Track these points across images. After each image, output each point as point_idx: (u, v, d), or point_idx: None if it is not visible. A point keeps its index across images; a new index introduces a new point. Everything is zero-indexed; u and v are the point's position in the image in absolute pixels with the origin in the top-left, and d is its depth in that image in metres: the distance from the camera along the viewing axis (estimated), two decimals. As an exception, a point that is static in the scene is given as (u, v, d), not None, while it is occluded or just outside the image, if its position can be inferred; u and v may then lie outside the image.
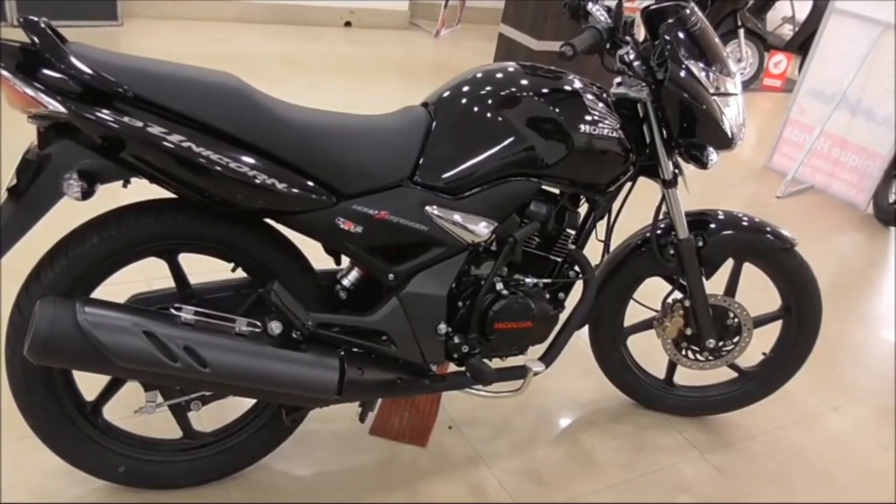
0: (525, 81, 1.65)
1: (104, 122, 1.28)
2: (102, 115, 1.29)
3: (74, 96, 1.28)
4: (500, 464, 1.97)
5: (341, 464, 1.89)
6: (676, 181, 1.87)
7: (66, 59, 1.27)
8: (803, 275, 2.02)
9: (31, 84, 1.26)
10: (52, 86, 1.27)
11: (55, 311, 1.31)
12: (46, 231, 1.48)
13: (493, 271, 1.70)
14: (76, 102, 1.28)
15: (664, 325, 2.07)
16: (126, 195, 1.48)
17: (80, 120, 1.28)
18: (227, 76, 1.44)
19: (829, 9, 4.15)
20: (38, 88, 1.26)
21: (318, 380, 1.51)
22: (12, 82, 1.26)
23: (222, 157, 1.38)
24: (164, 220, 1.47)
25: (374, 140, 1.56)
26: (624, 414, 2.24)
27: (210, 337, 1.43)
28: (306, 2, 5.98)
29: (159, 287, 1.59)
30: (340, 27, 6.23)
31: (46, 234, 1.48)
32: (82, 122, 1.28)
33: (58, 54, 1.27)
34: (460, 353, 1.76)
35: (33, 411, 1.51)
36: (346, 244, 1.57)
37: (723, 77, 1.75)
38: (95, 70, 1.28)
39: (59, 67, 1.27)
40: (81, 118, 1.27)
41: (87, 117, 1.28)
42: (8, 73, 1.26)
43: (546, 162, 1.65)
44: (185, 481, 1.69)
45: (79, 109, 1.27)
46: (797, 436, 2.26)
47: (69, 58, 1.28)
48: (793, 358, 2.13)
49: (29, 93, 1.26)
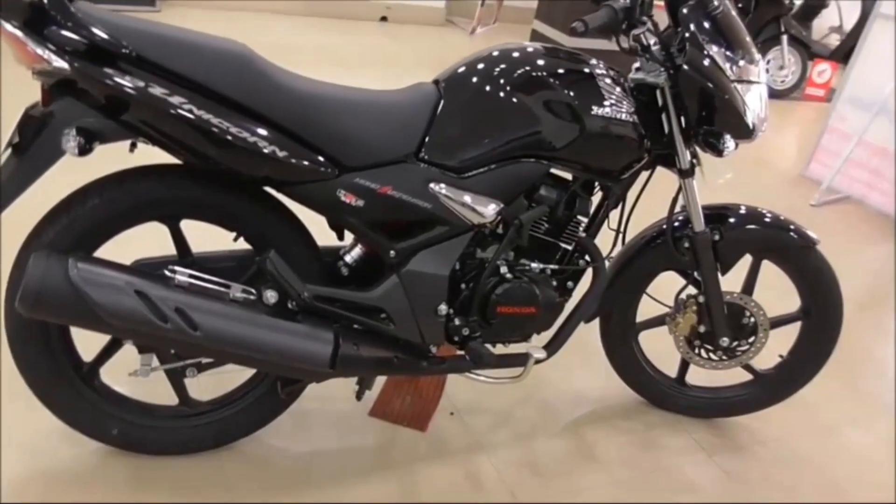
0: (539, 61, 1.62)
1: (105, 80, 1.29)
2: (104, 73, 1.29)
3: (78, 54, 1.29)
4: (499, 453, 1.94)
5: (338, 443, 1.87)
6: (693, 171, 1.81)
7: (72, 17, 1.28)
8: (824, 276, 1.95)
9: (37, 40, 1.27)
10: (57, 43, 1.28)
11: (48, 265, 1.31)
12: (57, 191, 1.49)
13: (498, 254, 1.67)
14: (79, 60, 1.28)
15: (677, 322, 2.01)
16: (133, 160, 1.48)
17: (82, 77, 1.28)
18: (234, 43, 1.43)
19: (873, 13, 4.02)
20: (43, 45, 1.27)
21: (310, 351, 1.49)
22: (19, 38, 1.27)
23: (223, 121, 1.37)
24: (166, 184, 1.48)
25: (380, 114, 1.54)
26: (632, 411, 2.19)
27: (202, 301, 1.42)
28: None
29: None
30: (376, 21, 6.25)
31: (57, 193, 1.49)
32: (84, 78, 1.29)
33: (64, 12, 1.28)
34: (461, 336, 1.73)
35: (30, 368, 1.52)
36: (347, 218, 1.55)
37: (745, 64, 1.69)
38: (100, 29, 1.29)
39: (65, 25, 1.28)
40: (83, 75, 1.28)
41: (88, 74, 1.28)
42: (14, 29, 1.27)
43: (555, 144, 1.61)
44: (178, 448, 1.69)
45: (81, 66, 1.28)
46: (811, 446, 2.18)
47: (75, 16, 1.29)
48: (810, 362, 2.06)
49: (34, 49, 1.27)
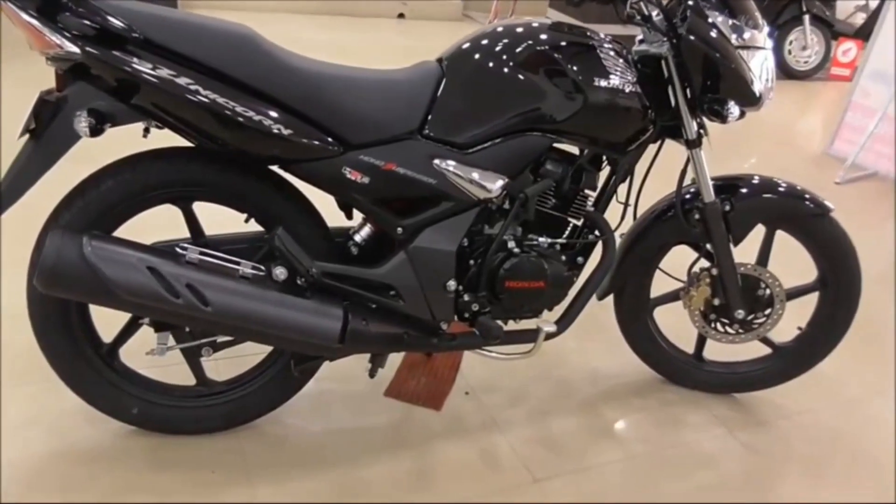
0: (541, 35, 1.63)
1: (112, 62, 1.33)
2: (113, 57, 1.33)
3: (89, 39, 1.33)
4: (514, 431, 1.94)
5: (353, 422, 1.89)
6: (701, 141, 1.80)
7: (83, 3, 1.33)
8: (840, 244, 1.92)
9: (52, 27, 1.32)
10: (69, 28, 1.32)
11: (63, 243, 1.36)
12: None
13: (504, 228, 1.68)
14: (90, 44, 1.32)
15: (691, 296, 2.00)
16: (146, 145, 1.52)
17: (90, 59, 1.32)
18: (239, 25, 1.46)
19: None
20: (58, 31, 1.32)
21: (319, 326, 1.51)
22: (35, 27, 1.31)
23: (229, 100, 1.40)
24: (177, 167, 1.51)
25: (383, 91, 1.56)
26: (649, 389, 2.18)
27: (213, 277, 1.45)
28: (361, -7, 6.08)
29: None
30: (394, 19, 6.29)
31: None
32: (92, 61, 1.33)
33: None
34: (471, 312, 1.74)
35: (51, 348, 1.57)
36: (353, 195, 1.57)
37: (749, 30, 1.68)
38: (110, 14, 1.33)
39: (76, 11, 1.32)
40: (91, 57, 1.32)
41: (96, 56, 1.32)
42: (30, 18, 1.31)
43: (558, 116, 1.62)
44: (195, 427, 1.73)
45: (91, 50, 1.32)
46: (837, 418, 2.15)
47: (87, 2, 1.33)
48: (829, 333, 2.03)
49: (50, 36, 1.31)
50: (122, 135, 1.59)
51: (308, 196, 1.63)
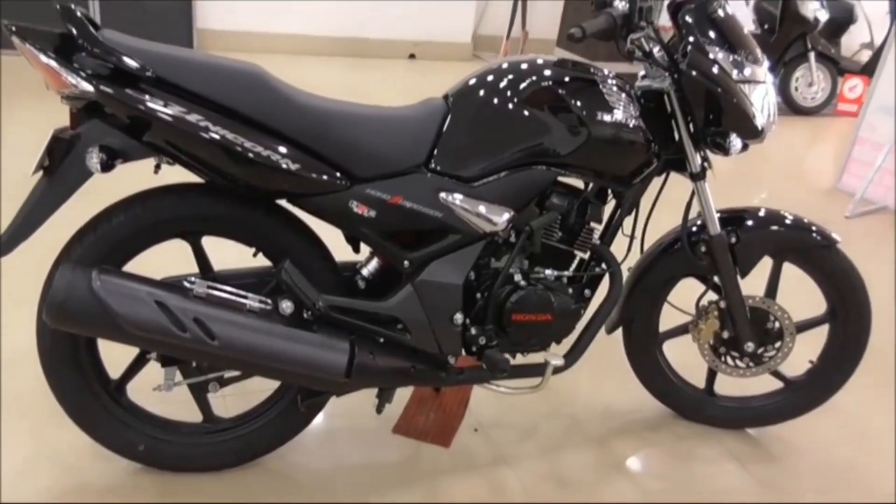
0: (545, 72, 1.65)
1: (125, 100, 1.36)
2: (125, 94, 1.37)
3: (103, 78, 1.37)
4: (524, 466, 1.92)
5: (361, 459, 1.88)
6: (705, 174, 1.81)
7: (98, 44, 1.37)
8: (848, 275, 1.91)
9: (69, 68, 1.36)
10: (84, 68, 1.36)
11: (72, 277, 1.38)
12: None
13: (510, 261, 1.69)
14: (103, 83, 1.36)
15: (699, 329, 1.99)
16: (158, 181, 1.55)
17: (104, 97, 1.36)
18: (248, 64, 1.50)
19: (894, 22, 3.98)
20: (74, 72, 1.36)
21: (325, 360, 1.52)
22: (54, 68, 1.35)
23: (238, 137, 1.43)
24: (187, 202, 1.54)
25: (389, 126, 1.59)
26: (661, 423, 2.15)
27: (220, 311, 1.46)
28: (371, 35, 6.18)
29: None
30: (405, 59, 6.39)
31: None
32: (106, 99, 1.36)
33: (90, 39, 1.37)
34: (478, 346, 1.73)
35: (59, 385, 1.58)
36: (360, 228, 1.59)
37: (749, 64, 1.70)
38: (123, 53, 1.37)
39: (91, 51, 1.37)
40: (105, 95, 1.36)
41: (110, 95, 1.36)
42: (49, 59, 1.35)
43: (562, 150, 1.64)
44: (203, 464, 1.72)
45: (104, 89, 1.35)
46: (852, 453, 2.11)
47: (103, 43, 1.37)
48: (841, 366, 2.00)
49: (67, 77, 1.35)
50: (135, 172, 1.62)
51: (316, 230, 1.65)
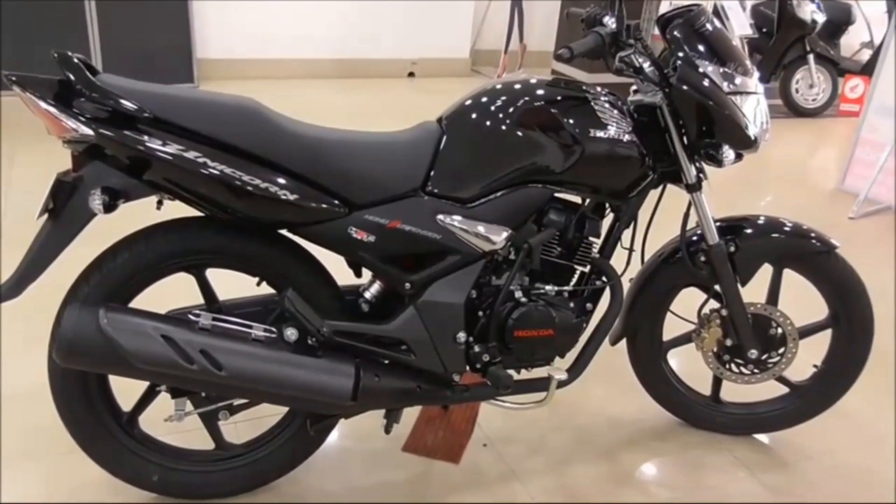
0: (537, 91, 1.68)
1: (125, 141, 1.40)
2: (124, 135, 1.40)
3: (102, 121, 1.40)
4: (534, 480, 1.93)
5: (372, 479, 1.90)
6: (701, 185, 1.83)
7: (95, 88, 1.41)
8: (848, 280, 1.92)
9: (68, 113, 1.40)
10: (83, 112, 1.40)
11: (80, 316, 1.41)
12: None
13: (510, 278, 1.71)
14: (103, 126, 1.40)
15: (702, 337, 2.00)
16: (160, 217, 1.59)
17: (104, 140, 1.40)
18: (243, 98, 1.53)
19: (891, 22, 3.99)
20: (73, 117, 1.39)
21: (331, 385, 1.54)
22: (54, 114, 1.39)
23: (236, 171, 1.46)
24: (189, 236, 1.57)
25: (384, 152, 1.62)
26: (669, 433, 2.16)
27: (225, 342, 1.49)
28: (370, 55, 6.25)
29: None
30: (404, 78, 6.45)
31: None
32: (106, 141, 1.40)
33: (88, 84, 1.41)
34: (482, 363, 1.75)
35: (72, 419, 1.61)
36: (360, 253, 1.62)
37: (739, 76, 1.72)
38: (120, 96, 1.41)
39: (89, 96, 1.40)
40: (105, 138, 1.39)
41: (109, 137, 1.39)
42: (49, 106, 1.39)
43: (557, 168, 1.66)
44: (216, 491, 1.74)
45: (104, 132, 1.39)
46: (863, 457, 2.11)
47: (100, 88, 1.41)
48: (846, 370, 2.01)
49: (67, 122, 1.39)
50: (138, 210, 1.65)
51: (317, 255, 1.67)
